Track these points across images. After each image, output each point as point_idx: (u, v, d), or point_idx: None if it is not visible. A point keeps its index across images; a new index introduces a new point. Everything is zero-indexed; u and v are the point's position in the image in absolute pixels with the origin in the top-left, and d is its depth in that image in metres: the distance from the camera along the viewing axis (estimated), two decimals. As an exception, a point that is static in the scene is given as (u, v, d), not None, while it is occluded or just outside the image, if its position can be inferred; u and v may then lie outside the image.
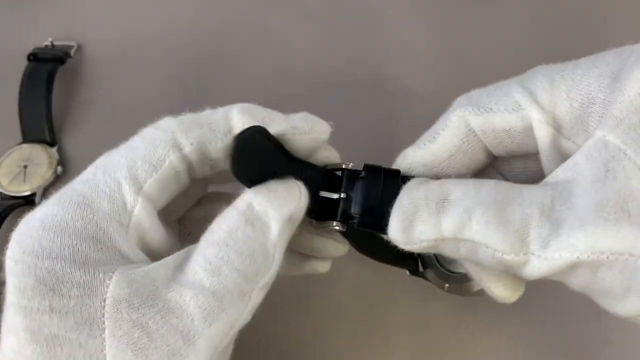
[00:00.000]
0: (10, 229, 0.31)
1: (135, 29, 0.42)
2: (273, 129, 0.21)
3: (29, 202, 0.34)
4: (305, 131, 0.22)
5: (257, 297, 0.19)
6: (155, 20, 0.42)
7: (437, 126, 0.22)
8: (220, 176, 0.23)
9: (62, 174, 0.35)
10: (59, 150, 0.36)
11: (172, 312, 0.18)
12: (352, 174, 0.22)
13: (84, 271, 0.18)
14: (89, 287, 0.18)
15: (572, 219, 0.17)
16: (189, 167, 0.21)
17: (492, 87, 0.21)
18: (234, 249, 0.19)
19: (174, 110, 0.23)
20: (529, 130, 0.20)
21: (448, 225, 0.19)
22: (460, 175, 0.22)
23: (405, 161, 0.22)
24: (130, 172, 0.20)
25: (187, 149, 0.21)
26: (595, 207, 0.17)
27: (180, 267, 0.19)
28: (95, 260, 0.19)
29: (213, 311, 0.18)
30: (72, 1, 0.43)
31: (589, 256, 0.17)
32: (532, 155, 0.22)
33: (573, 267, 0.17)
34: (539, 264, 0.18)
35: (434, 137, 0.22)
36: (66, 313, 0.18)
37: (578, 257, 0.17)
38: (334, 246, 0.24)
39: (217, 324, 0.18)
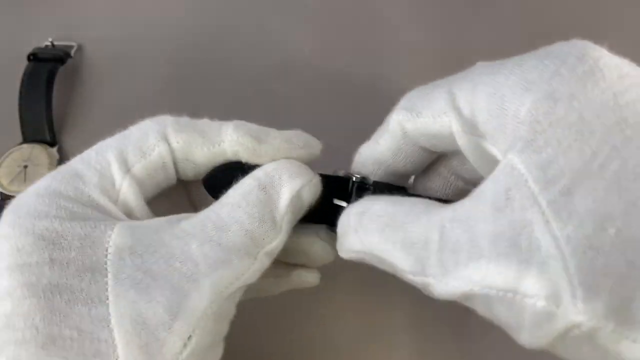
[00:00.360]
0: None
1: (135, 29, 0.42)
2: (269, 143, 0.22)
3: (29, 202, 0.34)
4: (300, 146, 0.23)
5: (263, 260, 0.20)
6: (155, 20, 0.42)
7: (382, 127, 0.23)
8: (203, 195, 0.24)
9: (62, 174, 0.36)
10: (59, 150, 0.36)
11: (175, 257, 0.19)
12: (361, 187, 0.23)
13: (84, 224, 0.19)
14: (91, 239, 0.19)
15: (469, 248, 0.17)
16: (176, 163, 0.22)
17: (429, 87, 0.22)
18: (245, 210, 0.20)
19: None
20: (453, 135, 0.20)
21: (364, 240, 0.20)
22: (408, 171, 0.24)
23: (359, 158, 0.24)
24: (120, 153, 0.21)
25: (175, 145, 0.22)
26: (491, 239, 0.16)
27: (185, 218, 0.20)
28: (95, 218, 0.19)
29: (219, 260, 0.19)
30: (72, 1, 0.43)
31: (480, 289, 0.16)
32: None
33: (469, 297, 0.17)
34: (439, 288, 0.18)
35: (380, 137, 0.23)
36: (67, 263, 0.18)
37: (471, 289, 0.17)
38: (319, 246, 0.24)
39: (222, 271, 0.19)
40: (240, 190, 0.21)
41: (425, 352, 0.30)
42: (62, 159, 0.36)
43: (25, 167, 0.35)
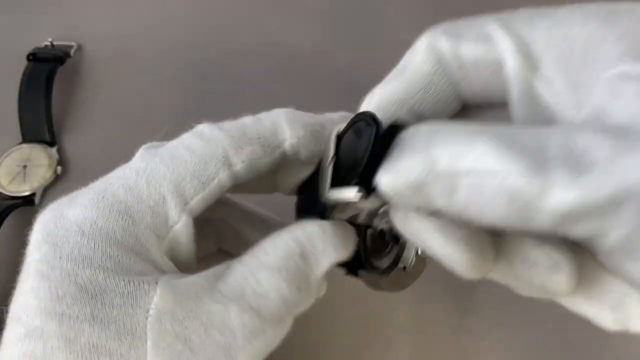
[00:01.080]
0: (10, 229, 0.31)
1: (135, 29, 0.42)
2: (326, 136, 0.21)
3: (28, 202, 0.34)
4: None
5: (289, 324, 0.20)
6: (155, 20, 0.42)
7: (405, 58, 0.20)
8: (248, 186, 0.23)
9: (62, 174, 0.35)
10: (59, 150, 0.36)
11: (215, 326, 0.18)
12: (340, 135, 0.20)
13: (128, 281, 0.18)
14: (133, 297, 0.18)
15: (621, 142, 0.13)
16: (236, 181, 0.21)
17: (467, 20, 0.19)
18: (284, 277, 0.19)
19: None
20: (497, 65, 0.18)
21: (442, 155, 0.15)
22: (435, 115, 0.19)
23: (373, 100, 0.20)
24: (177, 187, 0.19)
25: (239, 167, 0.20)
26: None
27: (222, 279, 0.19)
28: (137, 271, 0.18)
29: (255, 330, 0.18)
30: (72, 1, 0.43)
31: None
32: (501, 106, 0.19)
33: (620, 203, 0.12)
34: (566, 193, 0.13)
35: (403, 70, 0.20)
36: (108, 322, 0.17)
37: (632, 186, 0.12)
38: None
39: (257, 343, 0.18)
40: (280, 253, 0.19)
41: (425, 352, 0.30)
42: (62, 159, 0.36)
43: (25, 167, 0.35)
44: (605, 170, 0.12)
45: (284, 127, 0.21)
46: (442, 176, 0.15)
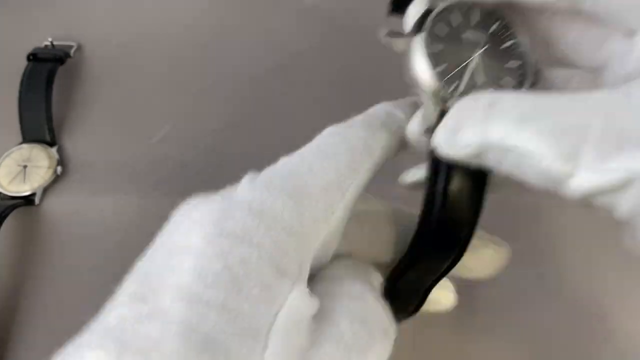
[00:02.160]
0: (10, 229, 0.31)
1: (135, 29, 0.42)
2: None
3: (29, 202, 0.34)
4: None
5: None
6: (155, 20, 0.42)
7: None
8: None
9: (62, 174, 0.35)
10: (59, 150, 0.36)
11: (330, 341, 0.17)
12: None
13: (276, 271, 0.16)
14: (272, 292, 0.16)
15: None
16: (377, 167, 0.21)
17: None
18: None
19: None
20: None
21: (495, 130, 0.17)
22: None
23: None
24: (338, 176, 0.19)
25: (378, 152, 0.21)
26: None
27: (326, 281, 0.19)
28: (288, 261, 0.17)
29: (366, 342, 0.18)
30: (72, 1, 0.43)
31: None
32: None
33: (629, 182, 0.15)
34: (590, 175, 0.15)
35: None
36: (236, 316, 0.15)
37: (627, 177, 0.15)
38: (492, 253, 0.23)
39: (370, 354, 0.19)
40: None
41: (425, 352, 0.30)
42: (62, 159, 0.36)
43: (25, 167, 0.35)
44: (617, 159, 0.15)
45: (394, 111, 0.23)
46: (493, 149, 0.17)
